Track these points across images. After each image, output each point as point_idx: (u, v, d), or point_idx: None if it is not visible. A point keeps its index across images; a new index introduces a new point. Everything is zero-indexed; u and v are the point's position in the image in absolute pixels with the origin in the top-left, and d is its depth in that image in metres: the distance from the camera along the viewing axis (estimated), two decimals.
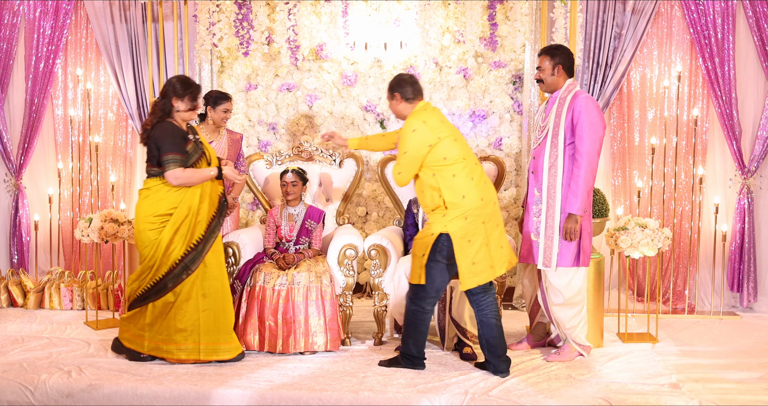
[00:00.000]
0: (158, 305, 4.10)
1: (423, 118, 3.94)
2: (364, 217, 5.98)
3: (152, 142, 4.05)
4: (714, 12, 5.37)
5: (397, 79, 4.09)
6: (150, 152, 4.09)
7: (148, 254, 4.10)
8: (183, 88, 4.08)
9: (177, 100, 4.08)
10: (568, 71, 4.19)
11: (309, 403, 3.69)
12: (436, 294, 4.01)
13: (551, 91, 4.22)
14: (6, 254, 6.05)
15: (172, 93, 4.08)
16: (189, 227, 4.09)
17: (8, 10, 5.82)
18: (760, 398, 3.71)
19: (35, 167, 6.06)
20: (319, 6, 5.64)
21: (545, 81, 4.21)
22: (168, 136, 4.02)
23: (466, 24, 5.37)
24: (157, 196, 4.09)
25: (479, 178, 3.97)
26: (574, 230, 4.08)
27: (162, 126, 4.05)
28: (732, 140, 5.42)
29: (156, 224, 4.08)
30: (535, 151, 4.24)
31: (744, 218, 5.45)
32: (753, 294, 5.49)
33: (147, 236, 4.09)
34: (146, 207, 4.11)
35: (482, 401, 3.66)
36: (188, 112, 4.13)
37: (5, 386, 3.85)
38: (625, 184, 5.72)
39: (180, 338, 4.10)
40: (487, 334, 4.00)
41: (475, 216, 3.89)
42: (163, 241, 4.06)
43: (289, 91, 5.91)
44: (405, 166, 3.93)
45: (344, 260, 4.55)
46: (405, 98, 4.04)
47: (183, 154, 4.04)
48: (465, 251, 3.88)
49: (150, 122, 4.09)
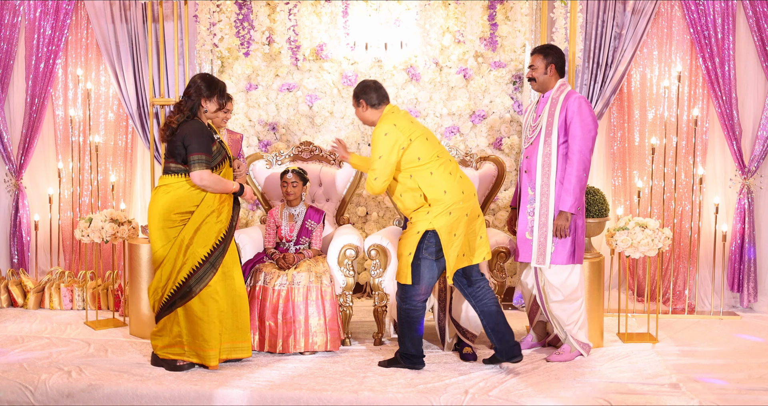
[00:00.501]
0: (188, 310, 4.06)
1: (392, 120, 3.98)
2: (364, 217, 5.98)
3: (179, 140, 4.02)
4: (714, 12, 5.37)
5: (360, 86, 4.12)
6: (174, 149, 4.06)
7: (167, 254, 4.05)
8: (208, 88, 4.07)
9: (206, 101, 4.08)
10: (560, 71, 4.23)
11: (309, 403, 3.69)
12: (426, 290, 4.03)
13: (543, 90, 4.27)
14: (6, 254, 6.05)
15: (199, 94, 4.07)
16: (211, 225, 4.08)
17: (8, 10, 5.82)
18: (760, 398, 3.72)
19: (35, 167, 6.06)
20: (320, 6, 5.64)
21: (537, 80, 4.26)
22: (198, 136, 4.00)
23: (467, 24, 5.37)
24: (179, 194, 4.06)
25: (456, 172, 4.04)
26: (564, 228, 4.12)
27: (192, 125, 4.03)
28: (732, 140, 5.42)
29: (176, 221, 4.06)
30: (528, 150, 4.26)
31: (744, 218, 5.45)
32: (753, 294, 5.50)
33: (166, 233, 4.05)
34: (167, 204, 4.06)
35: (482, 401, 3.66)
36: (216, 112, 4.14)
37: (5, 386, 3.85)
38: (625, 184, 5.72)
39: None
40: (492, 322, 4.03)
41: (458, 209, 3.95)
42: (186, 238, 4.04)
43: (290, 91, 5.91)
44: (381, 171, 3.95)
45: (344, 260, 4.55)
46: (370, 104, 4.09)
47: (209, 154, 4.04)
48: (452, 244, 3.94)
49: (176, 120, 4.05)
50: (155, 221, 4.07)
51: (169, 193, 4.06)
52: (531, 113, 4.36)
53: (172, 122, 4.05)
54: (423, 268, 3.98)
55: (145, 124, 5.82)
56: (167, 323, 4.11)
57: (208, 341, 4.03)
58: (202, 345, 4.04)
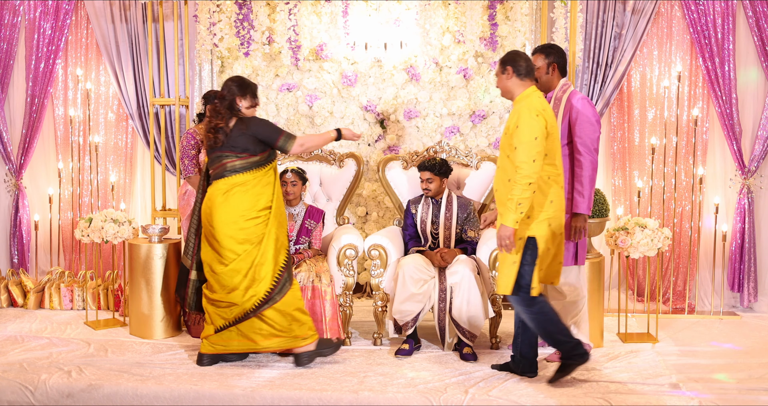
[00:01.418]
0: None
1: (540, 106, 3.72)
2: (364, 217, 5.98)
3: (248, 137, 4.10)
4: (714, 12, 5.37)
5: (511, 54, 3.83)
6: (246, 147, 4.11)
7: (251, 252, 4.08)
8: (241, 88, 4.17)
9: (240, 99, 4.18)
10: (561, 70, 4.19)
11: (309, 403, 3.69)
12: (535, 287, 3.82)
13: (545, 90, 4.23)
14: (6, 254, 6.05)
15: (233, 93, 4.17)
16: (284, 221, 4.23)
17: (9, 10, 5.82)
18: (760, 398, 3.71)
19: (35, 167, 6.07)
20: (320, 6, 5.64)
21: (540, 80, 4.20)
22: (266, 123, 4.18)
23: (467, 24, 5.37)
24: (256, 190, 4.12)
25: (562, 186, 3.84)
26: (582, 229, 4.08)
27: (252, 120, 4.15)
28: (732, 140, 5.42)
29: (261, 218, 4.12)
30: None
31: (744, 217, 5.45)
32: (753, 294, 5.50)
33: (253, 231, 4.09)
34: (248, 201, 4.11)
35: (482, 401, 3.66)
36: (249, 109, 4.23)
37: (5, 386, 3.85)
38: (625, 184, 5.72)
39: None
40: (530, 336, 3.97)
41: (557, 225, 3.80)
42: (272, 233, 4.12)
43: (290, 91, 5.91)
44: (539, 153, 3.61)
45: (344, 260, 4.55)
46: (517, 73, 3.79)
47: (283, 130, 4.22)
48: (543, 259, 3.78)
49: (224, 122, 4.13)
50: (237, 222, 4.09)
51: (248, 191, 4.12)
52: None
53: (219, 124, 4.13)
54: (527, 274, 3.74)
55: (145, 124, 5.82)
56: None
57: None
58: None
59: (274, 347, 4.13)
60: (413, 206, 4.82)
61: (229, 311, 4.10)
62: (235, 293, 4.07)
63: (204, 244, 4.20)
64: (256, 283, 4.07)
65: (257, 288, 4.07)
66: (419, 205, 4.79)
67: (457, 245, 4.74)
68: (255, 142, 4.11)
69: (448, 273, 4.41)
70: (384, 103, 5.83)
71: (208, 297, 4.17)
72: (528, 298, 3.77)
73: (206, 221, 4.16)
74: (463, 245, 4.71)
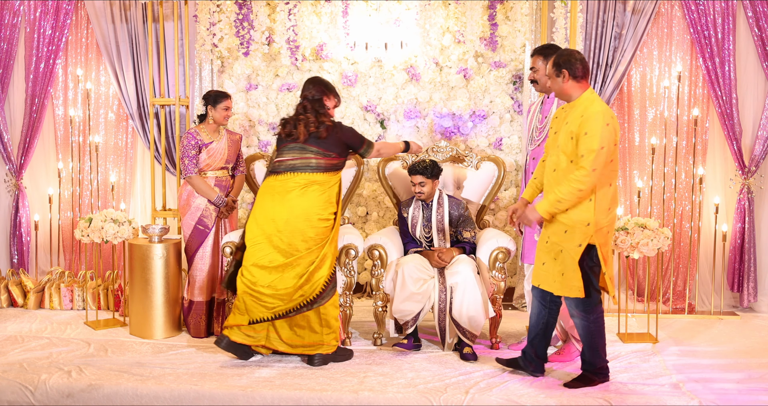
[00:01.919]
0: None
1: (610, 112, 3.65)
2: (364, 217, 5.98)
3: (338, 141, 4.26)
4: (714, 12, 5.37)
5: (564, 55, 3.71)
6: (334, 149, 4.25)
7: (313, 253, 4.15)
8: (327, 88, 4.34)
9: (327, 99, 4.32)
10: None
11: (309, 403, 3.69)
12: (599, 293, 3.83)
13: (547, 91, 4.22)
14: (6, 254, 6.05)
15: (322, 93, 4.30)
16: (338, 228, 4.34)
17: (9, 10, 5.82)
18: (760, 398, 3.71)
19: (35, 167, 6.06)
20: (320, 6, 5.64)
21: (539, 81, 4.20)
22: (353, 130, 4.39)
23: (467, 24, 5.37)
24: (330, 192, 4.25)
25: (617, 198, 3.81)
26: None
27: (342, 126, 4.33)
28: (732, 140, 5.42)
29: (330, 221, 4.23)
30: (535, 152, 4.24)
31: (744, 218, 5.45)
32: (753, 294, 5.49)
33: (321, 233, 4.18)
34: (323, 201, 4.20)
35: (482, 401, 3.66)
36: (334, 108, 4.41)
37: (5, 386, 3.85)
38: (625, 184, 5.72)
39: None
40: (550, 337, 3.99)
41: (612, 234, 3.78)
42: (335, 239, 4.28)
43: (290, 91, 5.91)
44: (602, 163, 3.56)
45: (344, 260, 4.55)
46: (573, 76, 3.69)
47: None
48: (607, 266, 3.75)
49: (314, 123, 4.23)
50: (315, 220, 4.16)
51: (325, 192, 4.21)
52: (536, 114, 4.33)
53: (311, 125, 4.24)
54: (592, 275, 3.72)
55: (145, 124, 5.82)
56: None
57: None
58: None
59: (298, 352, 4.19)
60: (404, 210, 4.80)
61: (272, 306, 4.12)
62: (286, 291, 4.10)
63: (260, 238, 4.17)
64: (308, 284, 4.12)
65: (308, 289, 4.12)
66: (410, 208, 4.77)
67: (454, 245, 4.73)
68: (343, 146, 4.26)
69: (448, 273, 4.41)
70: (384, 103, 5.83)
71: (251, 289, 4.14)
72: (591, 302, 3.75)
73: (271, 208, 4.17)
74: (461, 245, 4.70)
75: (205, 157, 4.81)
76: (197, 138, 4.79)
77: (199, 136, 4.80)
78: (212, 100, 4.83)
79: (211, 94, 4.86)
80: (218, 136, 4.88)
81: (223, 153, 4.86)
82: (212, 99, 4.83)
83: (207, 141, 4.81)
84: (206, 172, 4.84)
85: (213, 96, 4.84)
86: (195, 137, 4.79)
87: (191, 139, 4.78)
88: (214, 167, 4.86)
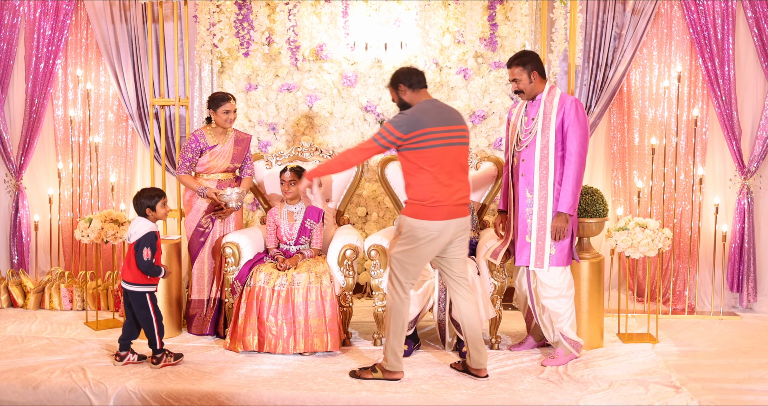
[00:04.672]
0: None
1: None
2: (364, 217, 5.98)
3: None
4: (714, 12, 5.37)
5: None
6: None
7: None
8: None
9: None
10: (542, 74, 4.19)
11: (307, 403, 3.70)
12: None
13: (533, 98, 4.23)
14: (6, 255, 6.05)
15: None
16: None
17: (8, 10, 5.82)
18: (760, 398, 3.71)
19: (35, 168, 6.07)
20: (320, 6, 5.65)
21: (525, 90, 4.21)
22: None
23: (466, 24, 5.37)
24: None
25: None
26: (563, 229, 4.11)
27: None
28: (732, 140, 5.42)
29: None
30: (524, 153, 4.21)
31: (744, 218, 5.45)
32: (753, 294, 5.49)
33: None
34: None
35: (482, 400, 3.66)
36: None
37: (5, 386, 3.85)
38: (625, 184, 5.72)
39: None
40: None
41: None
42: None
43: (290, 91, 5.91)
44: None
45: (344, 261, 4.55)
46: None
47: None
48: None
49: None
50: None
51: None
52: (521, 117, 4.32)
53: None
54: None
55: (145, 125, 5.82)
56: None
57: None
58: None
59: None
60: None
61: None
62: None
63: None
64: None
65: None
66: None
67: None
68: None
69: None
70: (384, 103, 5.83)
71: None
72: None
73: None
74: None
75: (207, 160, 4.81)
76: (201, 141, 4.79)
77: (204, 138, 4.80)
78: (214, 105, 4.82)
79: (212, 97, 4.85)
80: (224, 138, 4.87)
81: (228, 155, 4.86)
82: (214, 103, 4.82)
83: (211, 144, 4.81)
84: (208, 175, 4.84)
85: (214, 100, 4.83)
86: (199, 140, 4.79)
87: (193, 142, 4.78)
88: (217, 170, 4.85)
